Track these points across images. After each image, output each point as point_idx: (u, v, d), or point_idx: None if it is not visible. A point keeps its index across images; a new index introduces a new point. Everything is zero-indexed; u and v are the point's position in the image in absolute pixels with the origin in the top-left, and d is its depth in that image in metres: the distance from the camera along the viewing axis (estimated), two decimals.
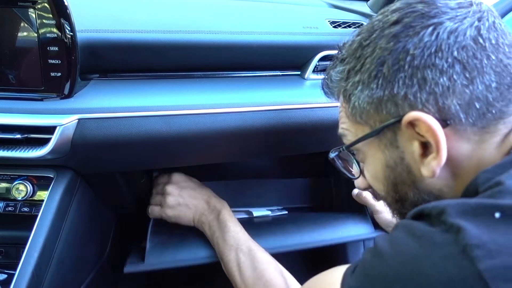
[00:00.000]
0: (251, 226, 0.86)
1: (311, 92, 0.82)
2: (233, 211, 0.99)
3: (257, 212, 1.01)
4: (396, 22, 0.46)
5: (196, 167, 1.12)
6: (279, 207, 1.07)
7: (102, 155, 0.73)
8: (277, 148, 0.87)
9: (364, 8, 0.99)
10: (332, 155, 0.58)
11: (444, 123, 0.43)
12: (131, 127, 0.70)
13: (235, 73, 0.83)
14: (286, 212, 1.06)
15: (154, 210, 0.89)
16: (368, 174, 0.54)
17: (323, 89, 0.59)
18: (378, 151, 0.50)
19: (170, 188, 0.86)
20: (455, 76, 0.43)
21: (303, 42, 0.83)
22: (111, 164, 0.80)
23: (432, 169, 0.45)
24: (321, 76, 0.85)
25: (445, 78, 0.43)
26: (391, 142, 0.48)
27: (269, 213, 1.02)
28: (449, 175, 0.46)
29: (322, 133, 0.83)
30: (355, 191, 0.92)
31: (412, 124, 0.44)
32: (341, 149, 0.56)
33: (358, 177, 0.57)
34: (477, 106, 0.43)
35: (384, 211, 0.89)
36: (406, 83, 0.44)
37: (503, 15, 0.86)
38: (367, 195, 0.90)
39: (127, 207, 1.00)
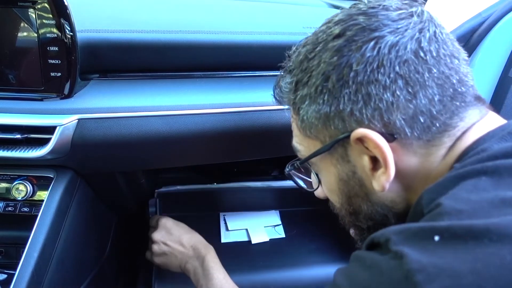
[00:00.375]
0: (248, 254, 0.94)
1: None
2: (232, 230, 1.02)
3: (256, 238, 1.03)
4: (339, 36, 0.46)
5: (196, 167, 1.12)
6: (276, 224, 1.08)
7: (102, 155, 0.73)
8: (277, 148, 0.87)
9: None
10: (287, 170, 0.59)
11: (391, 137, 0.44)
12: (131, 127, 0.70)
13: (235, 73, 0.83)
14: (284, 235, 1.07)
15: (147, 255, 0.90)
16: (324, 186, 0.55)
17: (274, 97, 0.58)
18: (330, 166, 0.50)
19: (156, 236, 0.86)
20: (398, 92, 0.43)
21: None
22: (111, 164, 0.80)
23: (382, 183, 0.45)
24: None
25: (388, 94, 0.43)
26: (342, 157, 0.48)
27: (267, 239, 1.03)
28: (400, 187, 0.47)
29: None
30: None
31: (360, 139, 0.45)
32: (295, 164, 0.56)
33: (316, 188, 0.57)
34: (421, 120, 0.43)
35: None
36: (351, 99, 0.44)
37: (503, 15, 0.86)
38: None
39: (127, 207, 1.00)
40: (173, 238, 0.84)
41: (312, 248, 1.05)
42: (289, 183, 1.03)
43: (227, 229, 1.05)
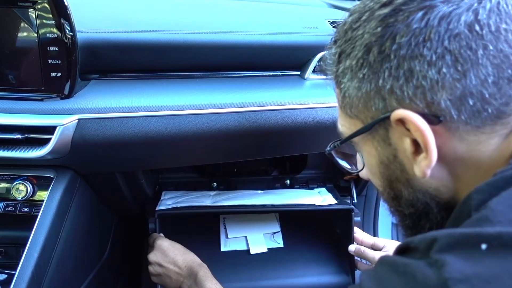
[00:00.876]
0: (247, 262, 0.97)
1: (311, 92, 0.82)
2: (232, 238, 1.03)
3: (254, 248, 1.03)
4: (386, 4, 0.41)
5: (196, 167, 1.12)
6: (275, 231, 1.09)
7: (102, 155, 0.73)
8: (277, 148, 0.87)
9: None
10: (328, 149, 0.55)
11: (435, 119, 0.40)
12: (131, 127, 0.70)
13: (235, 73, 0.83)
14: (282, 244, 1.07)
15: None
16: (366, 168, 0.52)
17: (320, 70, 0.55)
18: (371, 148, 0.47)
19: (152, 257, 0.86)
20: (444, 69, 0.39)
21: (303, 42, 0.83)
22: (111, 164, 0.80)
23: (423, 169, 0.42)
24: (321, 76, 0.85)
25: (433, 71, 0.39)
26: (383, 139, 0.45)
27: (265, 249, 1.04)
28: (445, 174, 0.43)
29: (322, 133, 0.83)
30: (352, 247, 0.93)
31: (401, 121, 0.41)
32: (336, 144, 0.54)
33: (361, 169, 0.54)
34: (471, 102, 0.39)
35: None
36: (392, 74, 0.41)
37: None
38: (366, 250, 0.90)
39: (127, 207, 1.00)
40: (168, 259, 0.85)
41: (310, 257, 1.07)
42: (290, 200, 1.03)
43: (226, 237, 1.05)
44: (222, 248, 1.03)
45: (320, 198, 1.05)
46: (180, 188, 1.09)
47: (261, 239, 1.06)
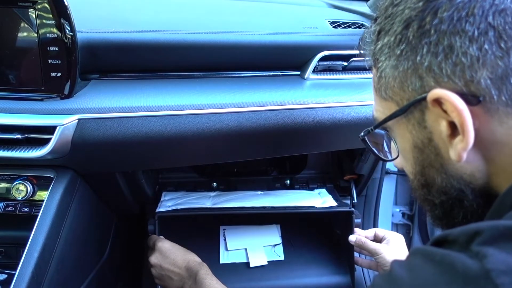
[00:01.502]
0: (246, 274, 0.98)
1: (311, 92, 0.82)
2: (231, 250, 1.03)
3: (254, 260, 1.03)
4: None
5: (196, 166, 1.12)
6: (276, 243, 1.08)
7: (102, 155, 0.73)
8: (277, 148, 0.87)
9: (364, 8, 0.99)
10: (362, 135, 0.53)
11: (474, 99, 0.38)
12: (131, 127, 0.70)
13: (235, 73, 0.83)
14: (283, 257, 1.07)
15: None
16: (401, 153, 0.50)
17: (359, 50, 0.52)
18: (406, 131, 0.46)
19: (153, 260, 0.86)
20: (486, 46, 0.37)
21: (303, 42, 0.83)
22: (111, 164, 0.80)
23: (459, 152, 0.40)
24: (321, 76, 0.85)
25: (475, 47, 0.37)
26: (419, 122, 0.43)
27: (265, 262, 1.04)
28: (481, 160, 0.41)
29: (322, 133, 0.83)
30: (353, 237, 0.92)
31: (437, 101, 0.40)
32: (370, 129, 0.52)
33: (396, 157, 0.52)
34: None
35: (384, 252, 0.87)
36: (431, 50, 0.39)
37: None
38: (367, 241, 0.90)
39: (127, 207, 1.00)
40: (168, 261, 0.85)
41: (310, 258, 1.07)
42: (290, 202, 1.03)
43: (226, 249, 1.05)
44: (222, 261, 1.03)
45: (320, 200, 1.05)
46: (180, 188, 1.09)
47: (261, 252, 1.05)
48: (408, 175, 0.51)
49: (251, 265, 1.02)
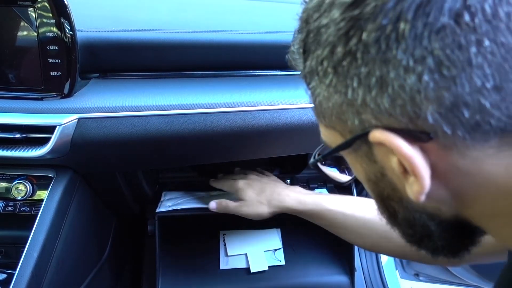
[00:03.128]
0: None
1: None
2: (231, 256, 1.03)
3: (255, 266, 1.03)
4: None
5: (196, 166, 1.12)
6: (277, 247, 1.07)
7: (102, 155, 0.73)
8: (278, 148, 0.87)
9: None
10: (312, 161, 0.48)
11: (425, 136, 0.32)
12: (131, 126, 0.69)
13: (236, 73, 0.83)
14: (283, 262, 1.06)
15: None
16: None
17: (291, 67, 0.45)
18: (356, 163, 0.40)
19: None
20: (426, 76, 0.30)
21: None
22: (111, 164, 0.80)
23: (415, 194, 0.34)
24: None
25: (413, 79, 0.30)
26: (367, 156, 0.37)
27: (266, 267, 1.03)
28: (445, 192, 0.35)
29: None
30: (213, 204, 0.91)
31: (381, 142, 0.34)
32: (319, 158, 0.47)
33: (350, 180, 0.49)
34: (466, 115, 0.30)
35: (242, 205, 0.86)
36: (362, 83, 0.32)
37: None
38: (227, 203, 0.89)
39: (127, 207, 1.00)
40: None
41: (309, 258, 1.07)
42: None
43: (226, 255, 1.04)
44: (222, 266, 1.02)
45: None
46: (180, 188, 1.09)
47: (262, 257, 1.04)
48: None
49: (252, 270, 1.01)
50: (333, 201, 0.80)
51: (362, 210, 0.77)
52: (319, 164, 0.49)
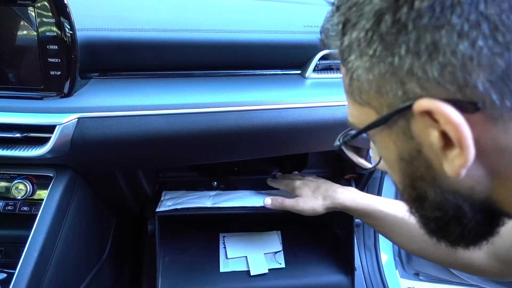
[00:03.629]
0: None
1: (312, 91, 0.81)
2: (231, 259, 1.03)
3: (255, 269, 1.03)
4: None
5: (196, 166, 1.12)
6: (277, 250, 1.07)
7: (102, 154, 0.73)
8: (278, 148, 0.87)
9: None
10: (338, 144, 0.46)
11: (472, 107, 0.31)
12: (131, 126, 0.69)
13: (236, 72, 0.83)
14: (284, 265, 1.06)
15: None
16: (384, 162, 0.43)
17: (321, 43, 0.44)
18: (389, 142, 0.38)
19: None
20: (480, 41, 0.30)
21: (303, 41, 0.82)
22: (111, 164, 0.80)
23: (456, 169, 0.33)
24: (321, 75, 0.84)
25: (466, 44, 0.30)
26: (403, 132, 0.36)
27: (266, 270, 1.03)
28: (482, 171, 0.35)
29: (323, 132, 0.82)
30: (268, 200, 0.93)
31: (427, 112, 0.33)
32: (346, 139, 0.45)
33: (377, 164, 0.46)
34: None
35: (300, 203, 0.89)
36: (410, 50, 0.32)
37: None
38: (284, 200, 0.91)
39: (127, 207, 1.00)
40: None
41: (309, 258, 1.07)
42: None
43: (226, 257, 1.04)
44: (222, 269, 1.02)
45: None
46: (180, 187, 1.09)
47: (262, 259, 1.04)
48: (397, 185, 0.44)
49: (252, 273, 1.01)
50: (386, 204, 0.82)
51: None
52: (344, 148, 0.47)
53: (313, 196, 0.88)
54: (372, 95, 0.36)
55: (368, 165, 0.49)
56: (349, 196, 0.86)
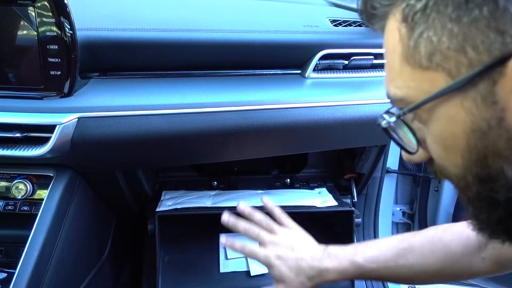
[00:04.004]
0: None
1: (312, 91, 0.81)
2: (231, 259, 1.02)
3: (255, 269, 1.02)
4: None
5: (196, 165, 1.12)
6: None
7: (102, 154, 0.73)
8: (277, 147, 0.87)
9: None
10: (384, 122, 0.39)
11: None
12: (131, 126, 0.69)
13: (236, 72, 0.83)
14: None
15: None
16: (434, 143, 0.37)
17: (362, 14, 0.39)
18: (460, 111, 0.33)
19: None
20: None
21: (303, 41, 0.82)
22: (111, 163, 0.80)
23: None
24: (321, 74, 0.84)
25: None
26: (483, 97, 0.31)
27: (266, 270, 1.02)
28: None
29: (323, 132, 0.82)
30: (225, 217, 0.75)
31: None
32: (401, 112, 0.37)
33: (416, 151, 0.40)
34: None
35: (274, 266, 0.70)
36: None
37: None
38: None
39: (127, 207, 1.00)
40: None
41: None
42: (290, 201, 1.02)
43: (226, 257, 1.04)
44: (222, 270, 1.02)
45: (321, 199, 1.04)
46: (180, 187, 1.09)
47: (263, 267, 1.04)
48: (447, 170, 0.38)
49: (252, 273, 1.01)
50: (371, 257, 0.66)
51: (405, 255, 0.66)
52: (389, 129, 0.39)
53: (299, 281, 0.68)
54: (449, 54, 0.31)
55: (412, 147, 0.40)
56: (334, 271, 0.67)
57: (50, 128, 0.67)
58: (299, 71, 0.86)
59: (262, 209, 0.99)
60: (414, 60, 0.34)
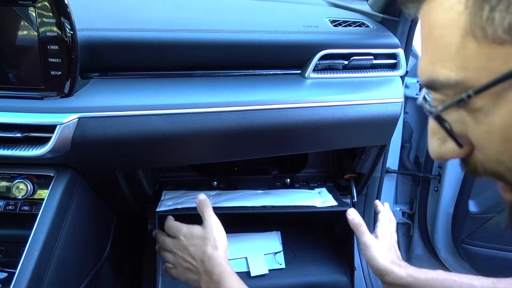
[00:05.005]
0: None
1: (311, 91, 0.82)
2: (231, 260, 1.00)
3: (255, 269, 1.02)
4: None
5: (196, 165, 1.12)
6: (277, 250, 1.07)
7: (102, 154, 0.73)
8: (277, 147, 0.87)
9: (365, 7, 0.99)
10: (439, 109, 0.34)
11: None
12: (132, 125, 0.70)
13: (236, 72, 0.83)
14: (284, 265, 1.06)
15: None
16: (491, 134, 0.33)
17: None
18: None
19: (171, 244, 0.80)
20: None
21: (303, 41, 0.82)
22: (111, 163, 0.80)
23: None
24: (321, 75, 0.84)
25: None
26: None
27: (266, 271, 1.03)
28: None
29: (322, 132, 0.82)
30: (352, 212, 0.82)
31: None
32: (466, 95, 0.31)
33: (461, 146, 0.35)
34: None
35: (374, 245, 0.77)
36: None
37: None
38: (363, 227, 0.80)
39: (127, 206, 1.00)
40: (187, 252, 0.78)
41: (309, 257, 1.06)
42: (290, 201, 1.02)
43: None
44: None
45: (321, 199, 1.05)
46: (180, 187, 1.09)
47: (262, 260, 1.04)
48: (497, 169, 0.34)
49: (252, 274, 1.01)
50: None
51: None
52: (443, 117, 0.34)
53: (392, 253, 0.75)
54: None
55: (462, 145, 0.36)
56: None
57: (51, 128, 0.67)
58: (299, 71, 0.86)
59: (262, 209, 0.99)
60: (485, 34, 0.29)
